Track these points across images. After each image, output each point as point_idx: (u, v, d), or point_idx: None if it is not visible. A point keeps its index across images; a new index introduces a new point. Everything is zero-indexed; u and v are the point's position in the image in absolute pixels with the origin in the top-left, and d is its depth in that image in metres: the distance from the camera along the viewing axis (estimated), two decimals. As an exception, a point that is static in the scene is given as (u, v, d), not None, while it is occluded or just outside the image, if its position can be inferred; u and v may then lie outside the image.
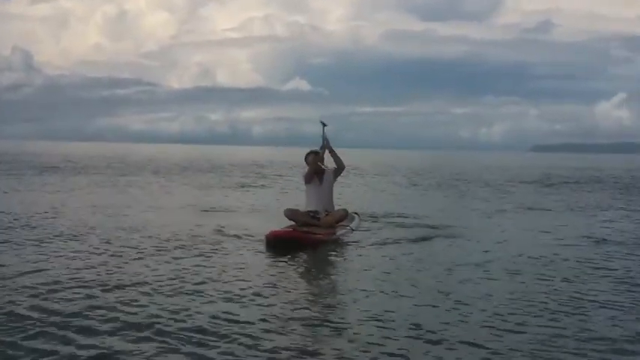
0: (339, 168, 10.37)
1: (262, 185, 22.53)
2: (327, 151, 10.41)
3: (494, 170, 42.06)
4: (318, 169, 10.25)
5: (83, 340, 4.61)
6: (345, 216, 10.35)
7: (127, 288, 6.17)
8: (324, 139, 10.42)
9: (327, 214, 10.12)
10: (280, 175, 29.00)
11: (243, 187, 21.32)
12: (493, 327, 5.13)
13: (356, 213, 11.22)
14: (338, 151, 10.39)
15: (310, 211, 10.09)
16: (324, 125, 10.44)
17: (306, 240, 9.00)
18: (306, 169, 10.32)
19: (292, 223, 9.87)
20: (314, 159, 10.20)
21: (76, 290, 6.00)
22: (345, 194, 15.25)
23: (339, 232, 9.83)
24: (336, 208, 10.49)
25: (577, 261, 8.17)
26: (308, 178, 10.20)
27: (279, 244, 8.70)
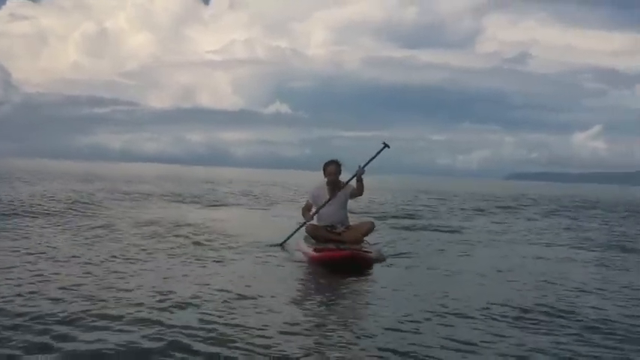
0: (359, 193, 9.37)
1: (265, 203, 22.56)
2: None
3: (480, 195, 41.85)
4: (337, 182, 9.43)
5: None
6: (371, 229, 9.44)
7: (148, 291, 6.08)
8: (371, 160, 9.42)
9: (346, 228, 9.36)
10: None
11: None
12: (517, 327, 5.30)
13: None
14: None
15: (327, 226, 9.32)
16: (386, 147, 9.39)
17: (365, 260, 8.18)
18: (319, 186, 9.58)
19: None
20: (336, 169, 9.39)
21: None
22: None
23: (372, 248, 8.98)
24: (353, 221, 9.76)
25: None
26: (314, 200, 9.55)
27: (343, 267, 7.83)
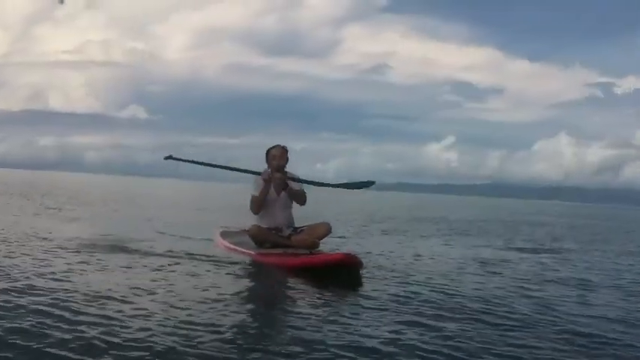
0: (300, 202, 7.94)
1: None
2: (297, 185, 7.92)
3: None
4: (282, 170, 7.80)
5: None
6: (328, 231, 7.90)
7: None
8: (347, 186, 8.53)
9: (294, 231, 7.88)
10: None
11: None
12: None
13: None
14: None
15: (271, 229, 7.81)
16: (372, 183, 8.59)
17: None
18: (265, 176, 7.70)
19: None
20: (284, 152, 7.86)
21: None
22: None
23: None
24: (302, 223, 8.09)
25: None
26: (263, 192, 7.65)
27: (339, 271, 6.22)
